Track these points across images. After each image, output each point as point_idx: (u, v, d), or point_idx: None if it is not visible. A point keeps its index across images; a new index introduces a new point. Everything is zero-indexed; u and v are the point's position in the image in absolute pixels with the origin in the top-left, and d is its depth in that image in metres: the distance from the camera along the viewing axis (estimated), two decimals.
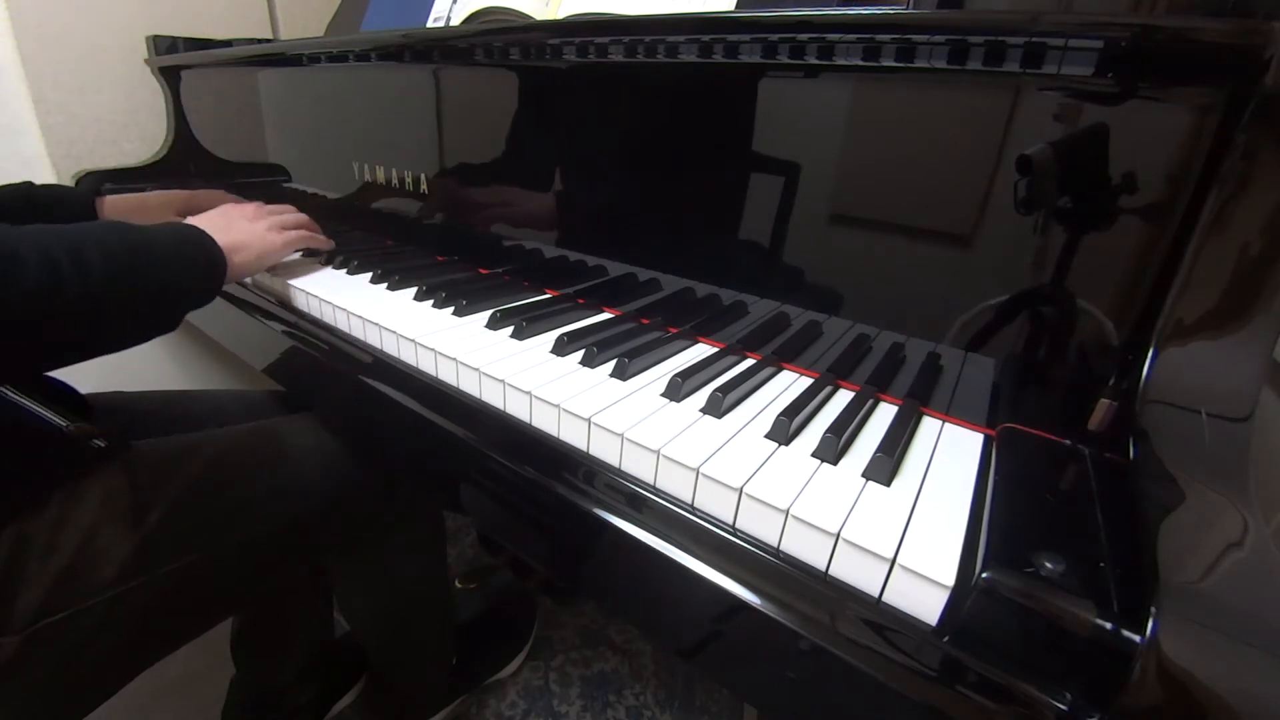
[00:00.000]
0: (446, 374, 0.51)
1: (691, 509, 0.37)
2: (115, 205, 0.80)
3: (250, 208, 0.70)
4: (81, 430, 0.49)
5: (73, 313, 0.43)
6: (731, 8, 0.60)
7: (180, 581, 0.52)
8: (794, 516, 0.33)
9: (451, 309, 0.60)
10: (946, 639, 0.29)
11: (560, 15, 0.71)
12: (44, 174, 1.01)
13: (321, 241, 0.75)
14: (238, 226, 0.62)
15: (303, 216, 0.74)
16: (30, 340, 0.42)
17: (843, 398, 0.47)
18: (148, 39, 1.08)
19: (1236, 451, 0.33)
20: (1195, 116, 0.33)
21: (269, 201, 0.79)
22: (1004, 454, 0.38)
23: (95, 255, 0.44)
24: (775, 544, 0.34)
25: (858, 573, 0.32)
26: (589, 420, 0.41)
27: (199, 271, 0.54)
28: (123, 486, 0.50)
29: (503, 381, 0.46)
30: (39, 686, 0.47)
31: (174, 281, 0.51)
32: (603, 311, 0.63)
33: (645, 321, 0.60)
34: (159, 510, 0.51)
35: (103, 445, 0.50)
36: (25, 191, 0.72)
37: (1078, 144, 0.37)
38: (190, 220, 0.60)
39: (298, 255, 0.79)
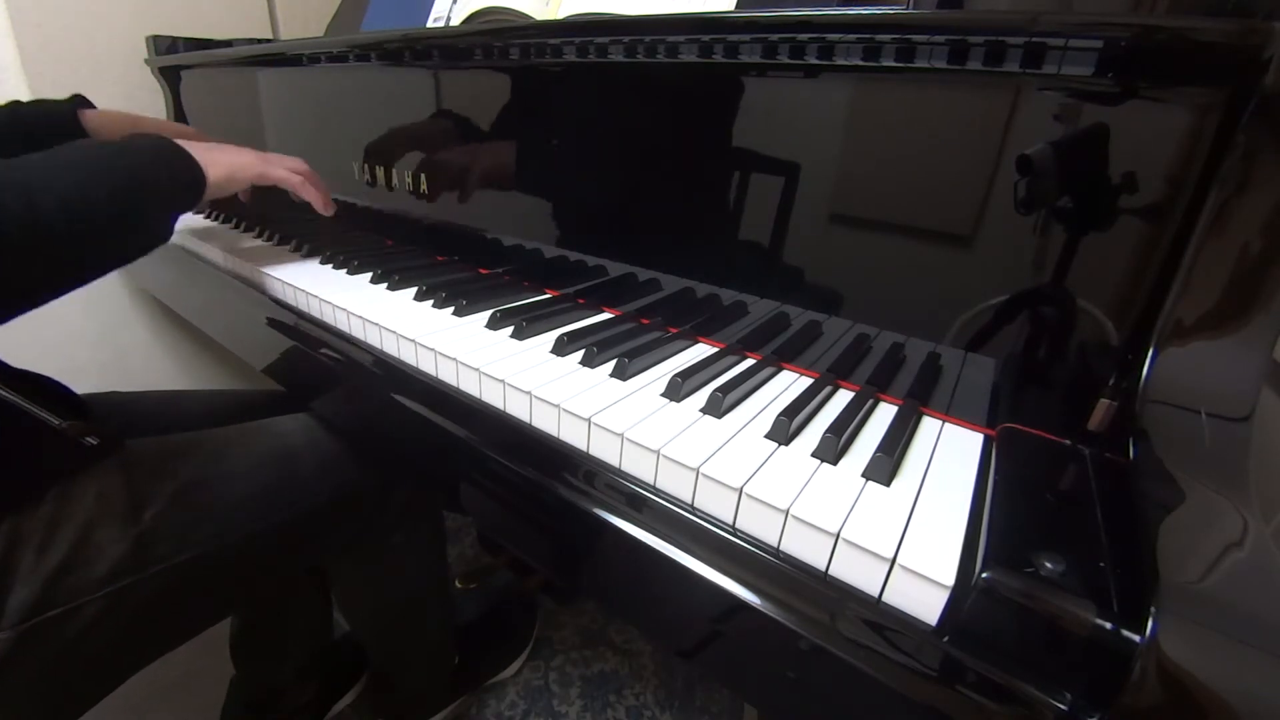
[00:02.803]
0: (446, 374, 0.51)
1: (691, 509, 0.37)
2: (104, 120, 0.79)
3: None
4: (74, 428, 0.49)
5: (64, 245, 0.45)
6: (731, 8, 0.60)
7: (176, 580, 0.52)
8: (794, 516, 0.33)
9: (451, 309, 0.60)
10: (946, 639, 0.29)
11: (560, 15, 0.71)
12: None
13: (315, 195, 0.70)
14: (219, 148, 0.62)
15: (299, 161, 0.71)
16: (24, 272, 0.44)
17: (843, 398, 0.47)
18: (148, 39, 1.08)
19: (1236, 451, 0.33)
20: (1195, 116, 0.33)
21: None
22: (1004, 454, 0.38)
23: (76, 187, 0.45)
24: (775, 544, 0.34)
25: (858, 573, 0.32)
26: (589, 420, 0.41)
27: (180, 177, 0.55)
28: (118, 484, 0.50)
29: (503, 381, 0.46)
30: (33, 684, 0.47)
31: (158, 193, 0.52)
32: (603, 311, 0.63)
33: (645, 321, 0.60)
34: (154, 508, 0.51)
35: (95, 443, 0.50)
36: (8, 113, 0.73)
37: (1078, 144, 0.37)
38: None
39: (294, 253, 0.79)
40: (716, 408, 0.43)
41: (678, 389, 0.45)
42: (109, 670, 0.52)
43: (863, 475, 0.37)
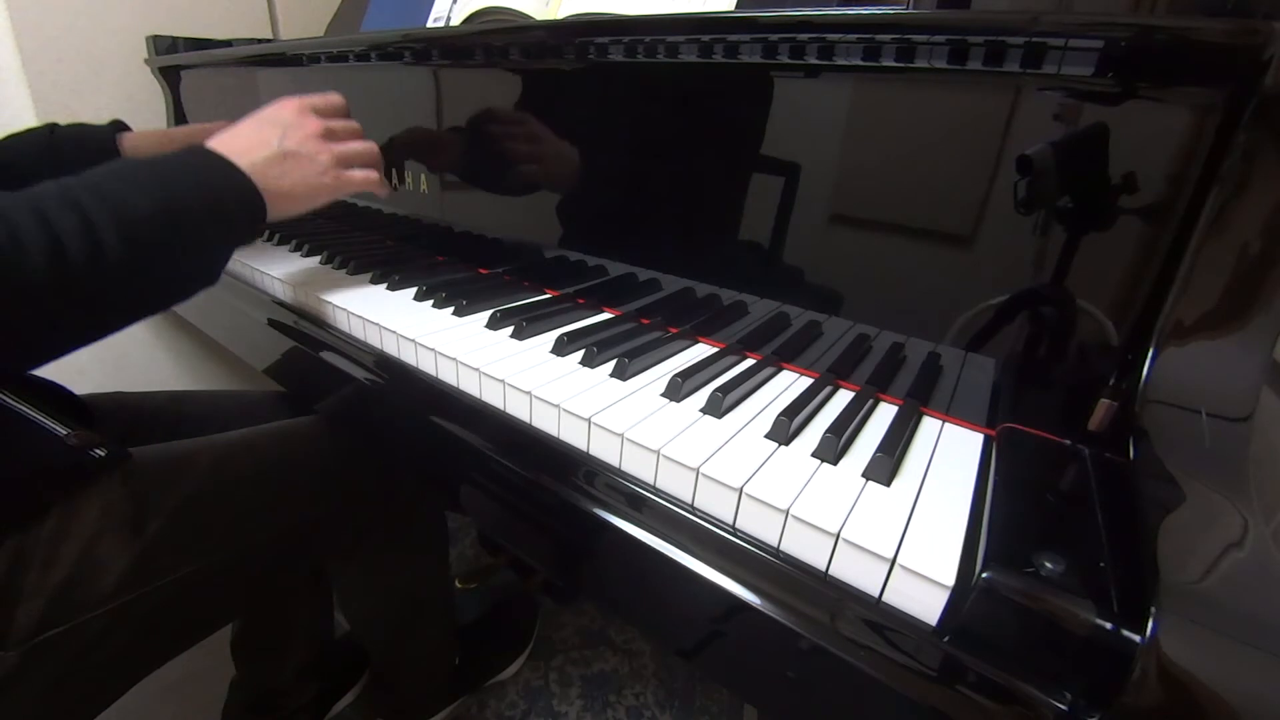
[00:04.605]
0: (447, 374, 0.51)
1: (691, 509, 0.37)
2: (137, 142, 0.75)
3: (311, 124, 0.56)
4: (82, 438, 0.48)
5: (93, 289, 0.40)
6: (731, 8, 0.60)
7: (181, 590, 0.52)
8: (794, 516, 0.33)
9: (451, 309, 0.60)
10: (946, 639, 0.29)
11: (560, 15, 0.71)
12: None
13: (376, 184, 0.62)
14: (290, 165, 0.53)
15: (371, 147, 0.62)
16: (57, 320, 0.40)
17: (843, 398, 0.47)
18: (148, 39, 1.08)
19: (1236, 451, 0.33)
20: (1195, 117, 0.33)
21: None
22: (1004, 454, 0.38)
23: (115, 219, 0.40)
24: (775, 544, 0.34)
25: (858, 573, 0.32)
26: (589, 420, 0.41)
27: (236, 227, 0.50)
28: (122, 496, 0.50)
29: (503, 381, 0.46)
30: (39, 698, 0.46)
31: (209, 242, 0.48)
32: (603, 311, 0.63)
33: (645, 321, 0.60)
34: (159, 520, 0.51)
35: (102, 455, 0.49)
36: (47, 133, 0.68)
37: (1078, 144, 0.37)
38: (229, 138, 0.52)
39: (294, 253, 0.79)
40: (716, 408, 0.43)
41: (678, 389, 0.45)
42: (113, 681, 0.52)
43: (863, 475, 0.37)
